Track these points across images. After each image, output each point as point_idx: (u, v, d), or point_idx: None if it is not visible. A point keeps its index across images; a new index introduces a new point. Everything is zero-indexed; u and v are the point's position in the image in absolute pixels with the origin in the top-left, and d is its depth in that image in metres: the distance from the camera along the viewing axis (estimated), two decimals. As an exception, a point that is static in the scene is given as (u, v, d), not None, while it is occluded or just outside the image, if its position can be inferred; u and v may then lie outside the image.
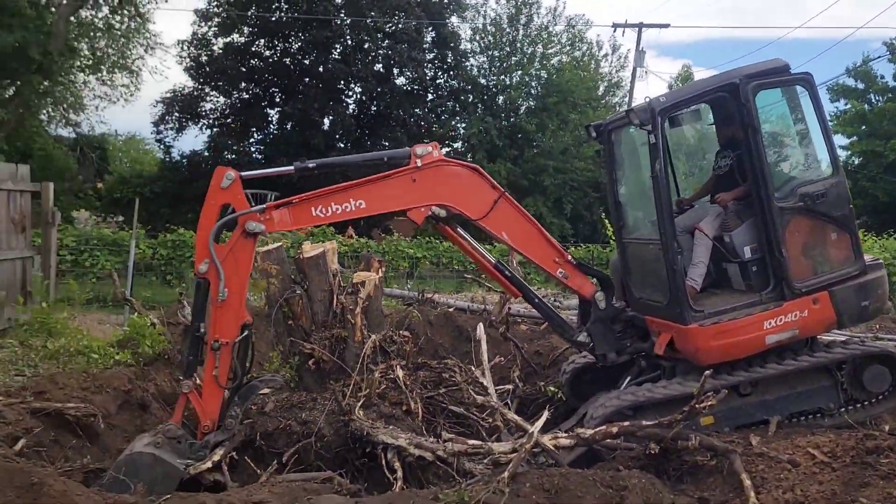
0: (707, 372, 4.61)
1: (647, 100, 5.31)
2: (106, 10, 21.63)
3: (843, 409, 5.54)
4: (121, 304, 10.86)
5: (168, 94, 29.18)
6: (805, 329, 5.38)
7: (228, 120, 29.51)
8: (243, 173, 4.96)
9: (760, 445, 4.27)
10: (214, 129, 29.07)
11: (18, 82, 16.92)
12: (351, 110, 29.36)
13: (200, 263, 4.81)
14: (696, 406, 4.21)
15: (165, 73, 60.68)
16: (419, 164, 5.10)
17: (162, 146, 30.99)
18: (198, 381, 4.93)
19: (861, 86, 38.35)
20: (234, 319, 4.82)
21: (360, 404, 4.98)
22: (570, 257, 5.67)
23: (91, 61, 22.26)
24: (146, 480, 4.46)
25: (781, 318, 5.29)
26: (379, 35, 28.21)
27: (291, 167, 5.23)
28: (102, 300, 13.27)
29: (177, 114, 29.27)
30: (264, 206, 4.94)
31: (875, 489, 3.51)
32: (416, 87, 30.17)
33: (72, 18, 19.41)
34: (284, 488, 4.13)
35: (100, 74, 23.32)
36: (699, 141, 7.26)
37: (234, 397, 4.91)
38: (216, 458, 4.74)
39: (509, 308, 9.35)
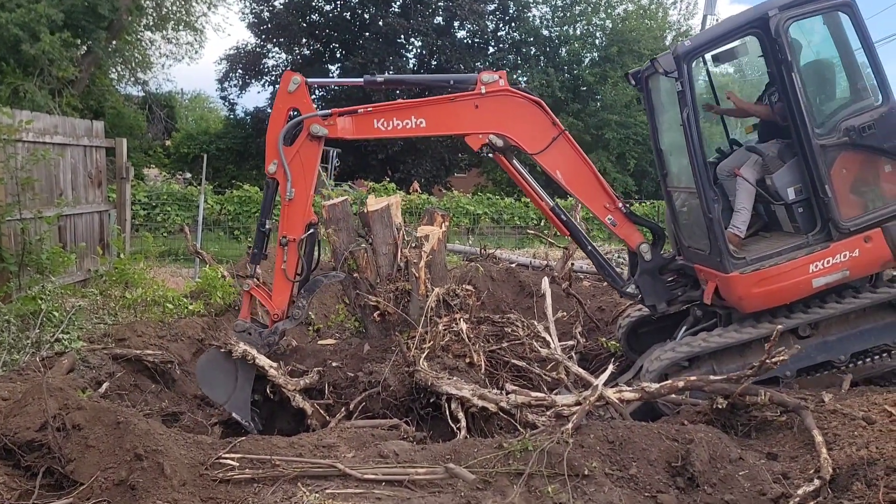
0: (779, 326, 4.48)
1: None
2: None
3: None
4: (191, 258, 11.28)
5: (231, 52, 29.68)
6: (857, 269, 5.16)
7: (290, 76, 29.74)
8: (310, 79, 5.15)
9: (833, 402, 4.14)
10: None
11: (90, 41, 17.42)
12: (411, 65, 29.17)
13: (269, 164, 5.09)
14: (768, 360, 4.11)
15: (228, 31, 61.53)
16: (484, 91, 5.13)
17: (226, 103, 31.69)
18: (256, 282, 5.24)
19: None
20: (301, 218, 5.11)
21: (424, 356, 5.06)
22: (621, 205, 5.59)
23: (157, 19, 22.70)
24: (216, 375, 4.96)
25: (829, 259, 5.10)
26: (439, -14, 27.72)
27: (361, 79, 5.40)
28: (174, 254, 13.81)
29: (240, 71, 29.76)
30: (329, 111, 5.14)
31: (958, 449, 3.37)
32: (477, 39, 29.68)
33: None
34: (353, 434, 4.27)
35: (165, 32, 23.79)
36: (750, 73, 6.86)
37: (301, 290, 5.21)
38: (304, 382, 5.04)
39: (572, 264, 9.27)
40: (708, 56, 5.84)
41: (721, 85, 6.64)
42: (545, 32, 31.37)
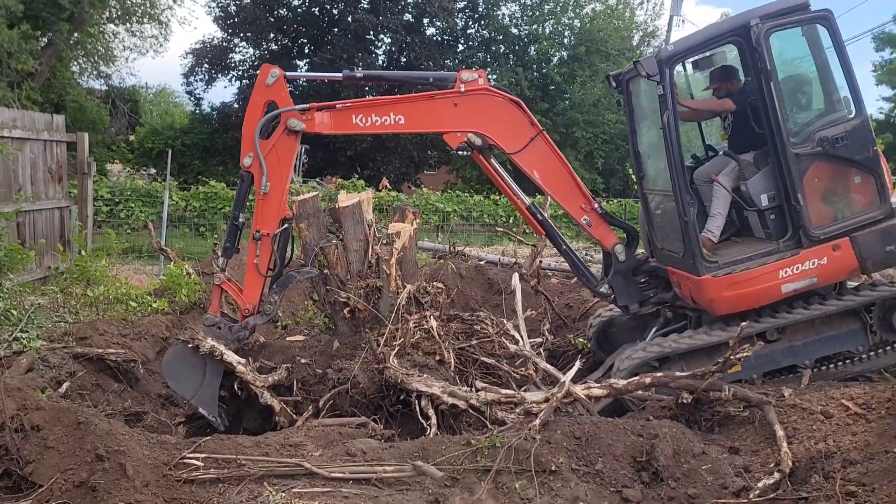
0: (744, 324, 4.58)
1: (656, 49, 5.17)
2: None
3: (871, 353, 5.49)
4: (156, 255, 11.09)
5: (197, 46, 29.17)
6: (824, 276, 5.28)
7: (258, 71, 29.38)
8: (288, 73, 5.13)
9: (793, 397, 4.24)
10: (244, 81, 29.03)
11: (50, 33, 17.00)
12: (380, 61, 29.03)
13: (245, 157, 5.04)
14: (732, 357, 4.19)
15: (194, 24, 60.53)
16: (463, 89, 5.14)
17: (192, 98, 31.16)
18: (227, 276, 5.19)
19: (910, 34, 36.65)
20: (276, 212, 5.07)
21: (394, 353, 5.05)
22: (597, 206, 5.64)
23: (120, 12, 22.24)
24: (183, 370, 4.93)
25: (798, 266, 5.21)
26: (408, -17, 27.65)
27: (340, 74, 5.41)
28: (138, 250, 13.56)
29: (206, 65, 29.26)
30: (307, 105, 5.10)
31: (911, 441, 3.49)
32: (446, 37, 29.66)
33: (101, -32, 19.34)
34: (320, 432, 4.24)
35: (129, 25, 23.33)
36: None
37: (273, 285, 5.18)
38: (272, 379, 5.00)
39: (540, 261, 9.33)
40: (688, 62, 5.94)
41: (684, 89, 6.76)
42: (514, 31, 31.49)
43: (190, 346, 4.88)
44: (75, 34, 18.94)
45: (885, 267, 5.69)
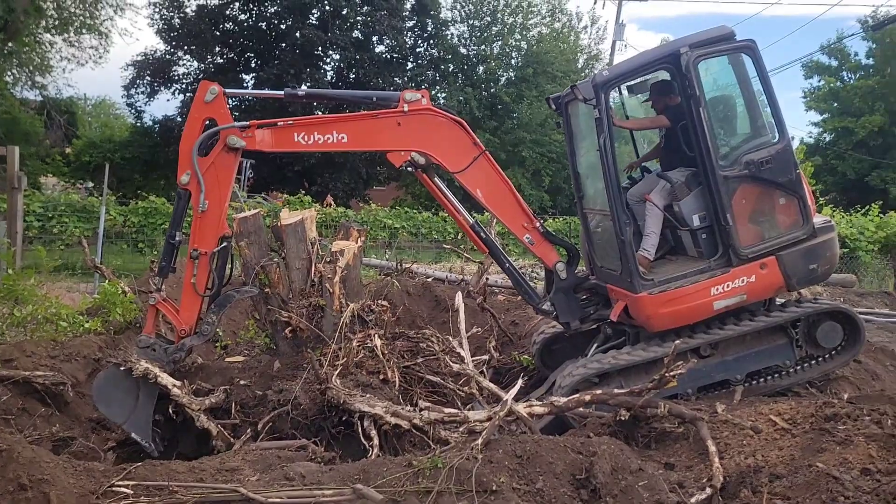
0: (677, 341, 4.71)
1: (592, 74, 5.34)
2: (73, -32, 20.94)
3: (798, 367, 5.72)
4: (90, 272, 10.70)
5: (139, 57, 28.51)
6: (753, 294, 5.48)
7: (202, 85, 28.88)
8: (228, 90, 5.06)
9: (725, 413, 4.36)
10: (188, 94, 28.48)
11: (-18, 42, 16.36)
12: (329, 78, 28.94)
13: (182, 174, 4.94)
14: (667, 374, 4.29)
15: (136, 36, 59.19)
16: (406, 109, 5.17)
17: (133, 111, 30.41)
18: (163, 296, 5.07)
19: (835, 63, 38.77)
20: (214, 231, 4.98)
21: (336, 373, 4.98)
22: (539, 224, 5.74)
23: (58, 21, 21.56)
24: (115, 393, 4.78)
25: (728, 283, 5.40)
26: (358, 1, 27.68)
27: (281, 92, 5.32)
28: (71, 268, 13.07)
29: (148, 78, 28.63)
30: (247, 123, 5.03)
31: (832, 455, 3.63)
32: (395, 55, 29.77)
33: (37, -24, 18.73)
34: (258, 456, 4.13)
35: (67, 35, 22.62)
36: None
37: (210, 305, 5.07)
38: (209, 402, 4.89)
39: (487, 278, 9.40)
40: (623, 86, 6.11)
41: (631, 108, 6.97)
42: (463, 51, 31.94)
43: (122, 368, 4.72)
44: (9, 43, 18.25)
45: (809, 284, 5.96)
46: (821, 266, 5.57)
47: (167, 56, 28.60)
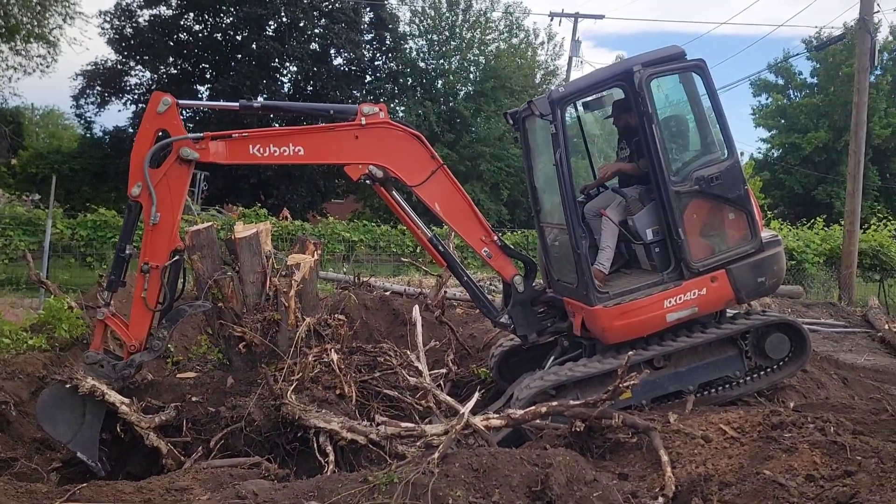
0: (630, 352, 4.79)
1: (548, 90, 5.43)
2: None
3: (747, 378, 5.86)
4: (35, 287, 10.34)
5: (89, 67, 27.83)
6: (704, 306, 5.61)
7: (155, 96, 28.32)
8: (182, 101, 4.99)
9: (677, 422, 4.45)
10: (140, 105, 27.89)
11: (-78, 48, 15.75)
12: (286, 90, 28.72)
13: (133, 186, 4.86)
14: (620, 385, 4.36)
15: (86, 45, 57.80)
16: (364, 122, 5.17)
17: (82, 121, 29.64)
18: (112, 310, 4.96)
19: (781, 81, 40.24)
20: (166, 244, 4.91)
21: (292, 388, 4.91)
22: (496, 238, 5.78)
23: (3, 29, 20.92)
24: (60, 412, 4.63)
25: (681, 296, 5.51)
26: (315, 13, 27.61)
27: (236, 104, 5.26)
28: (15, 283, 12.62)
29: (98, 88, 27.97)
30: (201, 135, 4.96)
31: (778, 462, 3.73)
32: (353, 68, 29.74)
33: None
34: (209, 474, 4.05)
35: (13, 44, 21.96)
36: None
37: (162, 320, 4.98)
38: (159, 419, 4.77)
39: (445, 292, 9.40)
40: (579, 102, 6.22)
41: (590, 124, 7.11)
42: (421, 65, 32.11)
43: (68, 385, 4.57)
44: (-49, 50, 17.65)
45: (758, 297, 6.13)
46: (769, 279, 5.73)
47: (119, 66, 28.00)
